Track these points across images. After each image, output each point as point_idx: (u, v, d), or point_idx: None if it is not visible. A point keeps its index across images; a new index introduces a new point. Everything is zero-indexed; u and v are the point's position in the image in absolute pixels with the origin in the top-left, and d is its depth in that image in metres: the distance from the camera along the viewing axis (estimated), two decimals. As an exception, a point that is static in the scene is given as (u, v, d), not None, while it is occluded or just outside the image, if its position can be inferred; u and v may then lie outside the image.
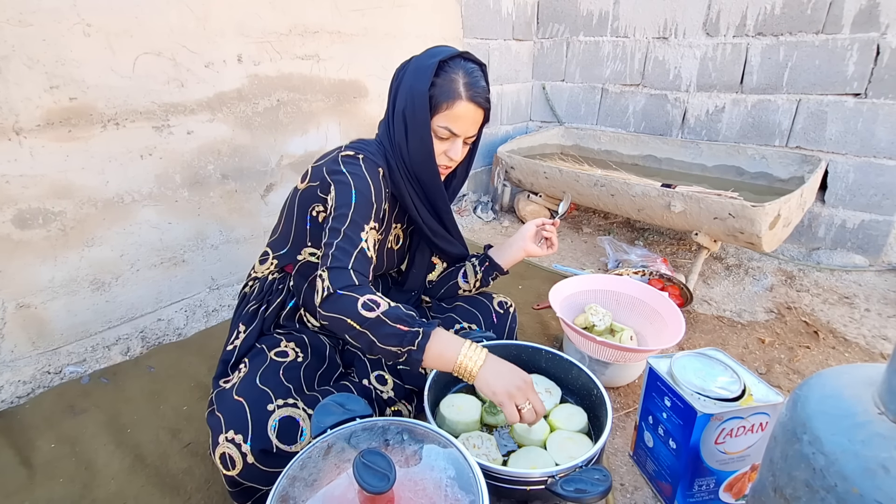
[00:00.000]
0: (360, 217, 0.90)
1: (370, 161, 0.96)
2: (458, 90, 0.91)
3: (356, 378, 1.07)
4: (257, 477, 0.83)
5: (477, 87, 0.93)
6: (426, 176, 1.00)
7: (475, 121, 0.96)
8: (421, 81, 0.92)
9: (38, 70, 1.22)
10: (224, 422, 0.84)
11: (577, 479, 0.70)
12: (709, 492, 0.93)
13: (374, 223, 0.93)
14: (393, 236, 1.11)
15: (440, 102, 0.92)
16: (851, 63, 1.91)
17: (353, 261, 0.83)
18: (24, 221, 1.28)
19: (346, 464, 0.66)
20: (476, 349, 0.82)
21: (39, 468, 1.09)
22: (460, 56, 0.95)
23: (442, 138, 0.96)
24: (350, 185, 0.91)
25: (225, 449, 0.82)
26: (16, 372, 1.33)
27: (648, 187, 1.80)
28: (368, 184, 0.93)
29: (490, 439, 0.86)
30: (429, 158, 0.97)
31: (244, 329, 1.05)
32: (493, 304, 1.18)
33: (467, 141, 0.99)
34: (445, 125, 0.94)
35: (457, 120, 0.93)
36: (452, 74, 0.92)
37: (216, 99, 1.54)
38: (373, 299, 0.79)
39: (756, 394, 0.89)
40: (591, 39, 2.56)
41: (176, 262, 1.58)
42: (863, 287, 1.87)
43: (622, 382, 1.31)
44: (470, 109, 0.93)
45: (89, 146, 1.33)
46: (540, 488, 0.72)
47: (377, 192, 0.94)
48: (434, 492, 0.62)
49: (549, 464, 0.81)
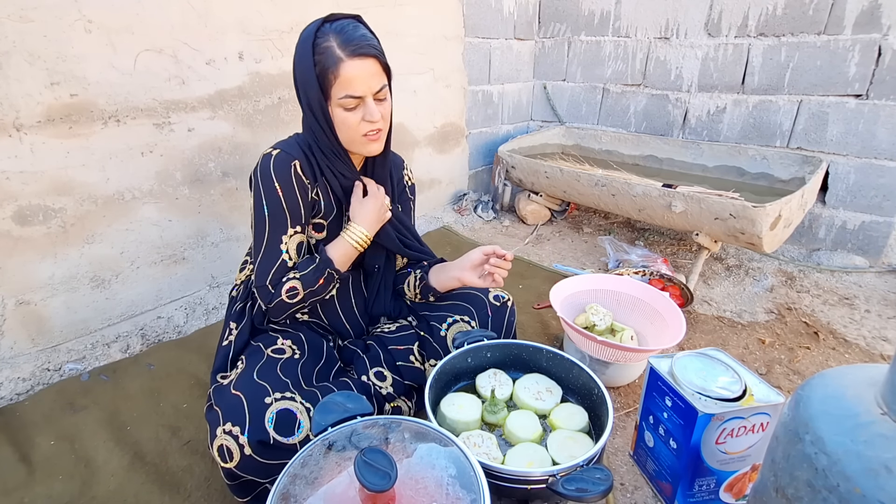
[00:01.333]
0: (276, 227, 0.96)
1: (283, 156, 0.95)
2: (337, 54, 0.87)
3: (355, 375, 1.07)
4: (255, 469, 0.84)
5: (353, 41, 0.88)
6: (361, 149, 0.98)
7: (371, 73, 0.90)
8: (305, 69, 0.90)
9: (38, 66, 1.22)
10: (222, 415, 0.84)
11: (578, 478, 0.70)
12: (709, 492, 0.93)
13: (295, 227, 0.97)
14: None
15: (328, 77, 0.88)
16: (853, 64, 1.91)
17: (270, 276, 0.95)
18: (25, 218, 1.27)
19: (347, 462, 0.66)
20: (351, 227, 1.02)
21: (39, 465, 1.09)
22: (325, 21, 0.90)
23: (350, 109, 0.91)
24: (261, 196, 0.94)
25: (223, 441, 0.82)
26: (15, 369, 1.32)
27: (649, 187, 1.80)
28: (276, 189, 0.94)
29: (491, 438, 0.86)
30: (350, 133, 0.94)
31: (235, 326, 1.06)
32: (489, 298, 1.15)
33: (378, 97, 0.93)
34: (344, 93, 0.89)
35: (350, 82, 0.88)
36: (325, 43, 0.88)
37: (217, 96, 1.54)
38: (291, 288, 0.96)
39: (757, 394, 0.89)
40: (593, 39, 2.56)
41: (176, 260, 1.58)
42: (863, 288, 1.87)
43: (622, 382, 1.31)
44: (358, 65, 0.88)
45: (90, 143, 1.33)
46: (541, 487, 0.72)
47: (288, 193, 0.95)
48: (435, 490, 0.62)
49: (544, 459, 0.81)
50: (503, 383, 1.01)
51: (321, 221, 1.04)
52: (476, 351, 1.01)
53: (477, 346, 1.00)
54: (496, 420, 0.94)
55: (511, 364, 1.07)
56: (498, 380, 1.02)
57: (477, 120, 2.62)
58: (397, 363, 1.10)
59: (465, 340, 0.99)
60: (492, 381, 1.01)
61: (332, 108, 0.92)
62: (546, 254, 2.18)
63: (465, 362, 1.01)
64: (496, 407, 0.95)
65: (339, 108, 0.91)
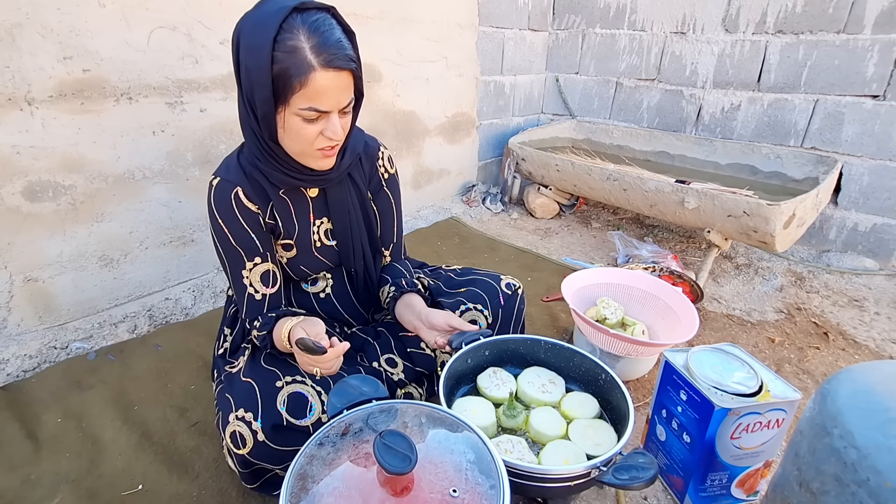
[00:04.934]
0: (234, 263, 0.92)
1: (222, 186, 0.86)
2: (307, 60, 0.72)
3: (366, 361, 1.07)
4: (267, 455, 0.83)
5: (328, 47, 0.73)
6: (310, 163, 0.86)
7: (342, 87, 0.77)
8: (256, 63, 0.74)
9: (51, 40, 1.20)
10: (234, 402, 0.84)
11: (626, 466, 0.68)
12: (721, 486, 0.92)
13: (253, 260, 0.92)
14: (323, 232, 1.01)
15: (289, 83, 0.74)
16: (871, 64, 1.89)
17: (245, 310, 0.94)
18: (34, 194, 1.26)
19: (364, 444, 0.65)
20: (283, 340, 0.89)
21: (45, 442, 1.08)
22: (295, 10, 0.73)
23: (310, 120, 0.78)
24: (212, 232, 0.90)
25: (235, 427, 0.81)
26: (22, 346, 1.32)
27: (662, 183, 1.78)
28: (221, 226, 0.88)
29: (521, 442, 0.83)
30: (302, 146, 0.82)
31: (229, 332, 1.05)
32: (501, 286, 1.12)
33: (344, 111, 0.81)
34: (307, 106, 0.76)
35: (319, 96, 0.75)
36: (293, 42, 0.72)
37: (230, 77, 1.52)
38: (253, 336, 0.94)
39: (773, 390, 0.88)
40: (608, 32, 2.53)
41: (185, 242, 1.57)
42: (872, 290, 1.86)
43: (632, 377, 1.31)
44: (330, 78, 0.74)
45: (101, 120, 1.32)
46: (584, 481, 0.71)
47: (235, 229, 0.88)
48: (454, 475, 0.61)
49: (578, 453, 0.79)
50: (505, 381, 0.98)
51: (287, 241, 0.97)
52: (475, 351, 0.97)
53: (475, 346, 0.97)
54: (515, 425, 0.91)
55: (508, 360, 1.03)
56: (500, 378, 0.99)
57: (488, 111, 2.59)
58: (408, 350, 1.09)
59: (462, 342, 0.95)
60: (495, 381, 0.99)
61: (286, 115, 0.78)
62: (554, 247, 2.17)
63: (466, 364, 0.97)
64: (515, 411, 0.91)
65: (297, 117, 0.77)
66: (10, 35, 1.15)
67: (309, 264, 1.02)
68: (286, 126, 0.80)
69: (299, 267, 1.01)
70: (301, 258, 1.00)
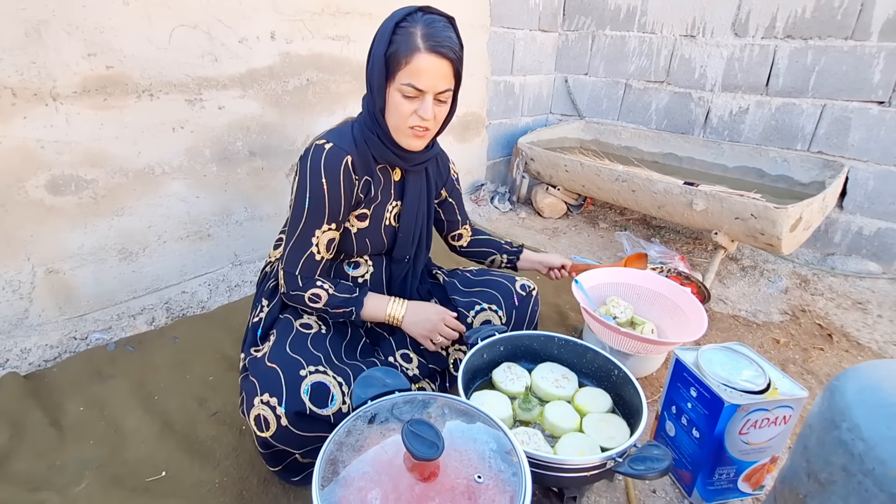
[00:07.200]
0: (312, 221, 0.96)
1: (335, 151, 0.94)
2: (416, 43, 0.85)
3: (382, 356, 1.09)
4: (289, 440, 0.86)
5: (437, 37, 0.86)
6: (402, 140, 0.96)
7: (441, 74, 0.88)
8: (379, 45, 0.89)
9: (76, 36, 1.23)
10: (259, 386, 0.86)
11: (641, 457, 0.71)
12: (728, 480, 0.95)
13: (330, 224, 0.97)
14: (392, 214, 1.09)
15: (399, 60, 0.86)
16: (878, 71, 1.91)
17: (300, 266, 0.98)
18: (58, 188, 1.29)
19: (390, 432, 0.68)
20: (397, 305, 1.03)
21: (69, 430, 1.11)
22: (420, 10, 0.89)
23: (408, 97, 0.89)
24: (306, 187, 0.94)
25: (260, 411, 0.84)
26: (43, 336, 1.35)
27: (671, 184, 1.81)
28: (322, 185, 0.93)
29: (536, 434, 0.86)
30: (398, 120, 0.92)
31: (267, 303, 1.07)
32: (516, 287, 1.16)
33: (440, 98, 0.91)
34: (408, 82, 0.87)
35: (419, 74, 0.86)
36: (410, 29, 0.86)
37: (248, 75, 1.55)
38: (315, 294, 0.99)
39: (781, 388, 0.91)
40: (618, 34, 2.55)
41: (202, 237, 1.60)
42: (876, 294, 1.88)
43: (640, 375, 1.33)
44: (431, 61, 0.86)
45: (123, 115, 1.34)
46: (600, 471, 0.74)
47: (333, 191, 0.94)
48: (479, 462, 0.64)
49: (593, 445, 0.82)
50: (519, 376, 1.02)
51: (364, 211, 1.04)
52: (490, 346, 1.01)
53: (491, 342, 1.00)
54: (530, 418, 0.94)
55: (522, 355, 1.07)
56: (514, 373, 1.02)
57: (497, 110, 2.62)
58: (421, 346, 1.12)
59: (478, 337, 0.99)
60: (510, 376, 1.02)
61: (390, 90, 0.90)
62: (562, 247, 2.19)
63: (481, 359, 1.01)
64: (530, 404, 0.94)
65: (398, 92, 0.89)
66: (36, 31, 1.18)
67: (374, 239, 1.08)
68: (389, 101, 0.91)
69: (364, 240, 1.06)
70: (370, 231, 1.06)
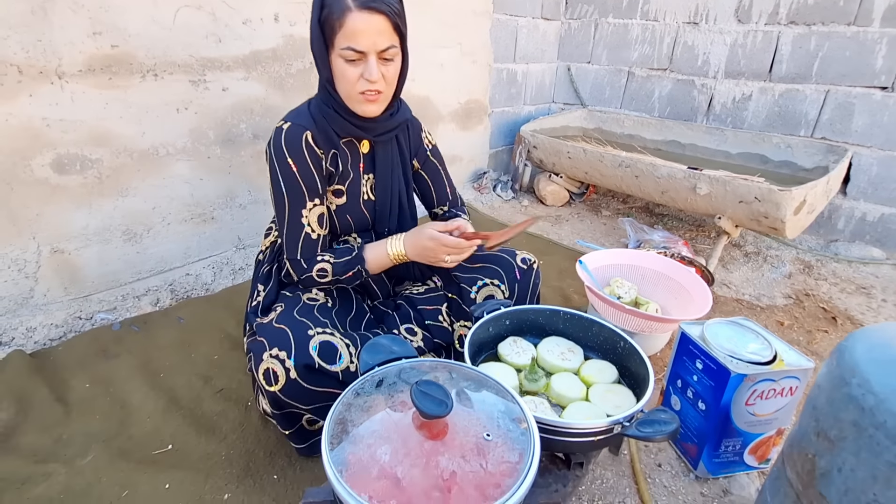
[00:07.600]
0: (295, 202, 0.95)
1: (293, 129, 0.93)
2: (346, 2, 0.83)
3: (386, 329, 1.10)
4: (298, 394, 0.86)
5: None
6: (356, 107, 0.93)
7: (379, 30, 0.85)
8: (314, 12, 0.87)
9: (82, 15, 1.23)
10: (268, 342, 0.86)
11: (648, 420, 0.72)
12: (734, 453, 0.95)
13: (313, 200, 0.97)
14: (369, 187, 1.08)
15: (333, 24, 0.84)
16: (880, 56, 1.90)
17: (300, 249, 0.98)
18: (63, 167, 1.29)
19: (399, 394, 0.68)
20: (396, 242, 1.03)
21: (75, 405, 1.12)
22: None
23: (351, 61, 0.86)
24: (277, 172, 0.93)
25: (269, 364, 0.84)
26: (48, 315, 1.35)
27: (674, 169, 1.81)
28: (290, 165, 0.92)
29: (543, 402, 0.86)
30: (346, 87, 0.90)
31: (263, 288, 1.08)
32: (517, 261, 1.15)
33: (384, 56, 0.88)
34: (346, 45, 0.85)
35: (354, 35, 0.83)
36: None
37: (251, 57, 1.55)
38: (321, 269, 0.99)
39: (787, 359, 0.91)
40: (620, 22, 2.55)
41: (205, 219, 1.60)
42: (880, 279, 1.88)
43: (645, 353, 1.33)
44: (365, 19, 0.83)
45: (128, 95, 1.34)
46: (608, 436, 0.74)
47: (302, 168, 0.93)
48: (487, 421, 0.64)
49: (599, 412, 0.83)
50: (525, 349, 1.02)
51: (339, 187, 1.04)
52: (496, 320, 1.01)
53: (496, 315, 1.01)
54: (537, 388, 0.94)
55: (528, 330, 1.06)
56: (520, 346, 1.03)
57: (500, 98, 2.61)
58: (426, 322, 1.12)
59: (484, 311, 0.99)
60: (516, 349, 1.02)
61: (333, 58, 0.88)
62: (565, 234, 2.19)
63: (487, 332, 1.01)
64: (536, 375, 0.94)
65: (340, 59, 0.87)
66: (42, 9, 1.18)
67: (355, 215, 1.07)
68: (335, 69, 0.89)
69: (346, 216, 1.06)
70: (349, 208, 1.06)
